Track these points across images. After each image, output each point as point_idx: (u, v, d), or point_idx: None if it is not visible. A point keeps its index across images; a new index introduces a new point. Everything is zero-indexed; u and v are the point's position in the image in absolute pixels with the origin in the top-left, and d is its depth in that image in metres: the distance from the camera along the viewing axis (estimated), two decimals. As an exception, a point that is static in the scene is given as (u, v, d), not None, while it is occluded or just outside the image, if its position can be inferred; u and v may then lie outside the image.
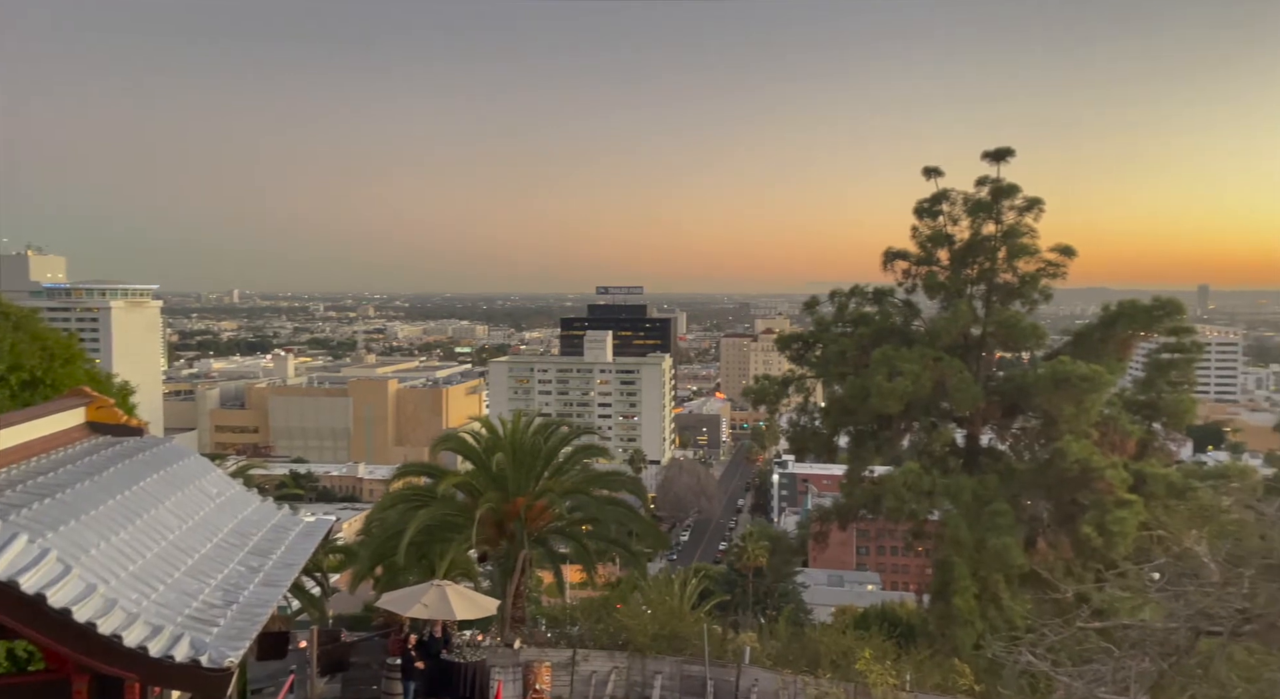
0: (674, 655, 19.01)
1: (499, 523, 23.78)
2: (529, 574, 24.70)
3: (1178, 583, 8.37)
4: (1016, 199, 40.95)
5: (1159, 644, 7.74)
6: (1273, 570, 7.51)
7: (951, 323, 40.15)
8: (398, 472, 28.74)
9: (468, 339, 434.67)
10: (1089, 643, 8.49)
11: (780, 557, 60.50)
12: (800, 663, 18.64)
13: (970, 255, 41.75)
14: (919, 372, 37.99)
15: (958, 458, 42.07)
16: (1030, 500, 39.57)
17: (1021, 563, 34.65)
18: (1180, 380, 40.17)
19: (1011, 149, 41.71)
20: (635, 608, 23.54)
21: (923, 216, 43.11)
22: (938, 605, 38.23)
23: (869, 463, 43.87)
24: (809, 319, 48.36)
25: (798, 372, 46.14)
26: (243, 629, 9.04)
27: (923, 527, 41.64)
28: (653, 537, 30.52)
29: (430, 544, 23.71)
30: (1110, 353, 40.07)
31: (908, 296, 44.28)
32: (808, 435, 46.27)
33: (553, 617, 28.25)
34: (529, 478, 24.60)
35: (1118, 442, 38.02)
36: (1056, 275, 40.93)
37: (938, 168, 43.38)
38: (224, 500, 13.27)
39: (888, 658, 17.32)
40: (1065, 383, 36.14)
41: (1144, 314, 40.00)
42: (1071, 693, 7.83)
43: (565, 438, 26.76)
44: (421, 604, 16.99)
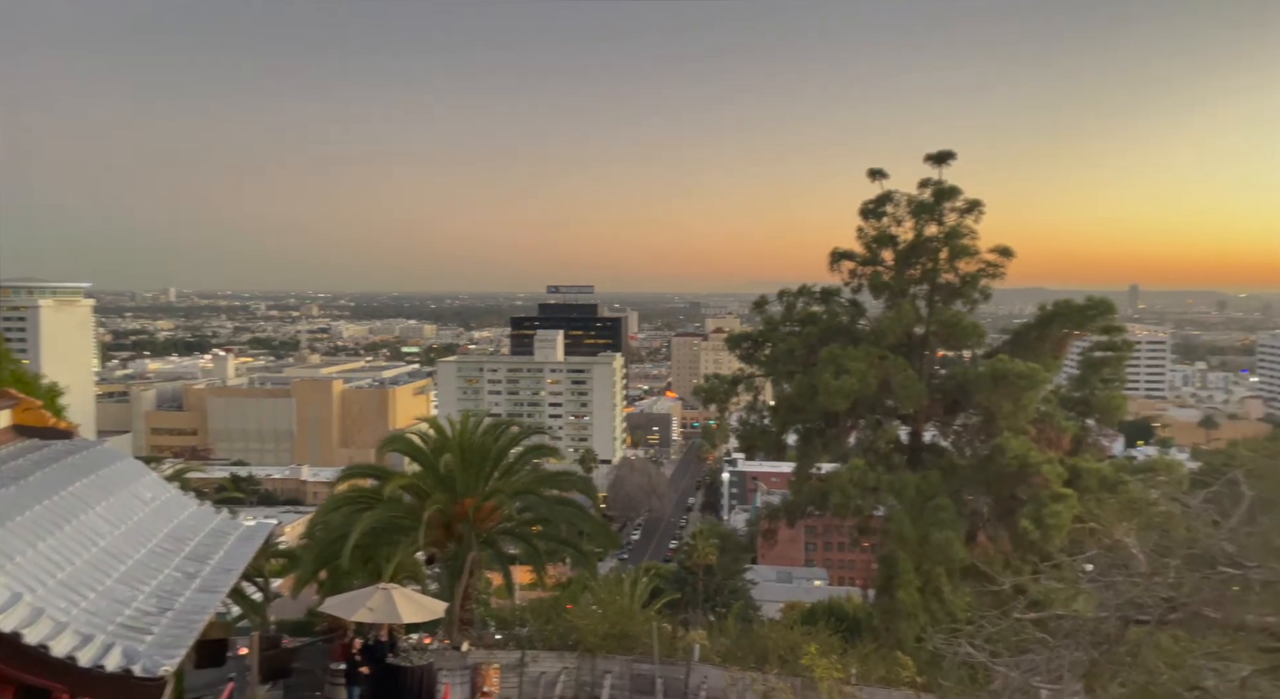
0: (624, 655, 19.03)
1: (447, 524, 23.53)
2: (478, 576, 24.49)
3: (1108, 574, 8.69)
4: (958, 201, 41.89)
5: (1091, 633, 8.02)
6: (1196, 561, 7.84)
7: (896, 322, 40.92)
8: (342, 474, 28.20)
9: (415, 339, 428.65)
10: (1025, 633, 8.74)
11: (730, 554, 60.93)
12: (749, 659, 18.82)
13: (914, 256, 42.57)
14: (865, 370, 38.63)
15: (902, 454, 42.88)
16: (971, 495, 40.51)
17: (963, 557, 35.48)
18: (1112, 378, 41.58)
19: (953, 152, 42.67)
20: (585, 608, 23.50)
21: (868, 218, 43.83)
22: (882, 599, 38.97)
23: (816, 460, 44.47)
24: (758, 318, 48.80)
25: (747, 370, 46.56)
26: (178, 637, 8.81)
27: (868, 522, 42.37)
28: (603, 536, 30.50)
29: (376, 547, 23.34)
30: (1046, 351, 41.26)
31: (854, 296, 44.99)
32: (757, 434, 46.71)
33: (502, 618, 28.04)
34: (478, 479, 24.38)
35: (1053, 437, 39.18)
36: (996, 275, 41.97)
37: (882, 170, 44.18)
38: (159, 505, 12.90)
39: (833, 652, 17.60)
40: (1004, 380, 37.10)
41: (1078, 313, 41.27)
42: (1009, 683, 8.06)
43: (515, 438, 26.60)
44: (367, 608, 16.72)
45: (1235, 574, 7.39)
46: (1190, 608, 7.52)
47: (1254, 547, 7.71)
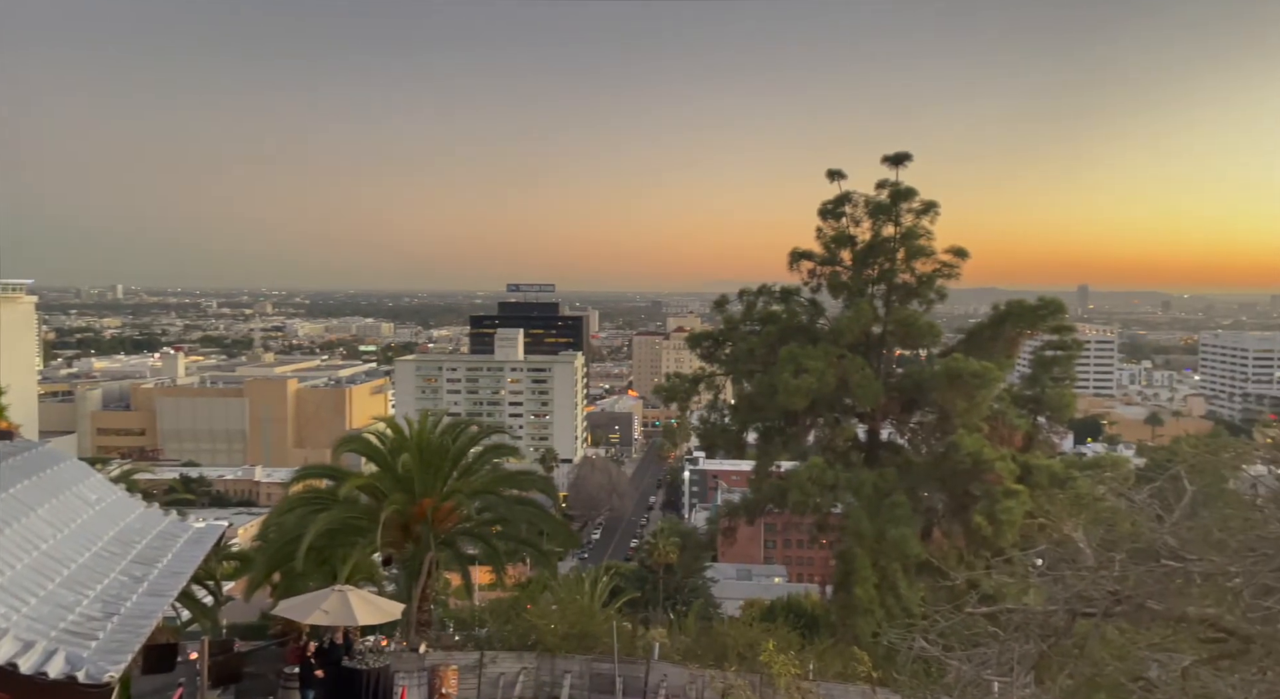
0: (584, 654, 19.00)
1: (405, 525, 23.26)
2: (436, 577, 24.25)
3: (1057, 568, 8.91)
4: (914, 202, 42.55)
5: (1040, 626, 8.22)
6: (1141, 554, 8.08)
7: (854, 321, 41.44)
8: (297, 474, 27.71)
9: (372, 337, 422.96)
10: (978, 627, 8.92)
11: (690, 553, 61.25)
12: (708, 657, 18.92)
13: (871, 256, 43.16)
14: (823, 369, 39.06)
15: (860, 452, 43.45)
16: (927, 492, 41.21)
17: (918, 552, 36.08)
18: (1062, 376, 42.64)
19: (909, 153, 43.31)
20: (545, 608, 23.41)
21: (827, 218, 44.33)
22: (840, 595, 39.45)
23: (776, 458, 44.86)
24: (719, 318, 49.07)
25: (708, 369, 46.80)
26: (124, 642, 8.59)
27: (827, 519, 42.86)
28: (563, 536, 30.41)
29: (332, 549, 22.98)
30: (999, 350, 42.14)
31: (813, 296, 45.48)
32: (717, 432, 46.99)
33: (461, 619, 27.80)
34: (436, 479, 24.14)
35: (1006, 435, 40.04)
36: (951, 276, 42.73)
37: (841, 170, 44.70)
38: (104, 507, 12.56)
39: (791, 649, 17.77)
40: (958, 379, 37.80)
41: (1030, 313, 42.22)
42: (961, 676, 8.22)
43: (474, 437, 26.39)
44: (321, 610, 16.46)
45: (1177, 567, 7.64)
46: (1135, 600, 7.75)
47: (1195, 540, 7.98)
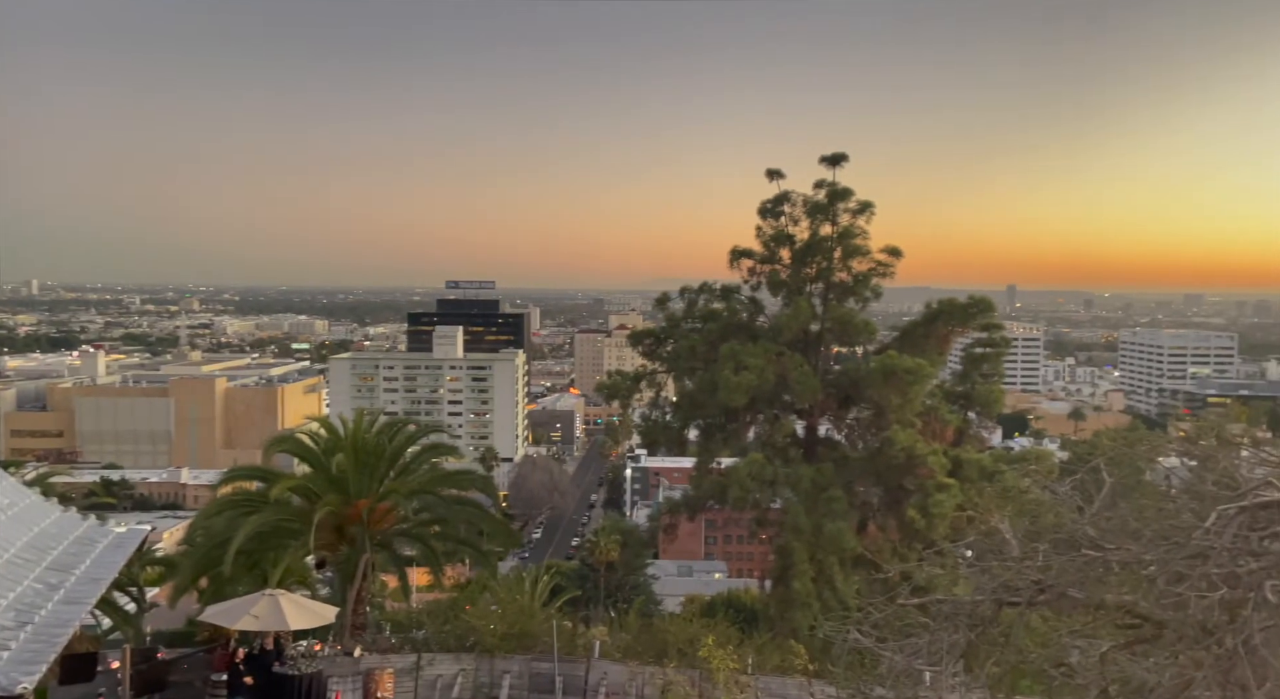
0: (523, 654, 18.87)
1: (339, 527, 22.76)
2: (372, 579, 23.80)
3: (984, 559, 9.20)
4: (850, 202, 43.35)
5: (968, 616, 8.46)
6: (1063, 544, 8.39)
7: (793, 319, 42.05)
8: (225, 476, 26.88)
9: (306, 335, 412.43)
10: (909, 618, 9.13)
11: (632, 550, 61.29)
12: (648, 654, 18.98)
13: (809, 255, 43.84)
14: (763, 366, 39.55)
15: (798, 448, 44.12)
16: (862, 486, 42.09)
17: (854, 546, 36.82)
18: (991, 373, 44.03)
19: (845, 154, 44.09)
20: (484, 608, 23.17)
21: (766, 217, 44.87)
22: (778, 590, 40.04)
23: (717, 455, 45.27)
24: (661, 315, 49.24)
25: (650, 367, 46.95)
26: (39, 652, 8.22)
27: (766, 515, 43.43)
28: (503, 535, 30.15)
29: (262, 552, 22.37)
30: (932, 347, 43.26)
31: (753, 294, 45.99)
32: (659, 429, 47.20)
33: (398, 621, 27.34)
34: (372, 479, 23.69)
35: (938, 430, 41.16)
36: (886, 275, 43.69)
37: (779, 170, 45.30)
38: (17, 513, 11.98)
39: (730, 643, 17.95)
40: (893, 376, 38.69)
41: (960, 311, 43.44)
42: (893, 666, 8.41)
43: (412, 437, 25.99)
44: (251, 615, 16.02)
45: (1096, 556, 7.95)
46: (1057, 589, 8.04)
47: (1113, 530, 8.31)
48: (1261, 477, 8.24)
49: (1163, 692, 7.11)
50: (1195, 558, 7.27)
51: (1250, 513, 7.64)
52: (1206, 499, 8.15)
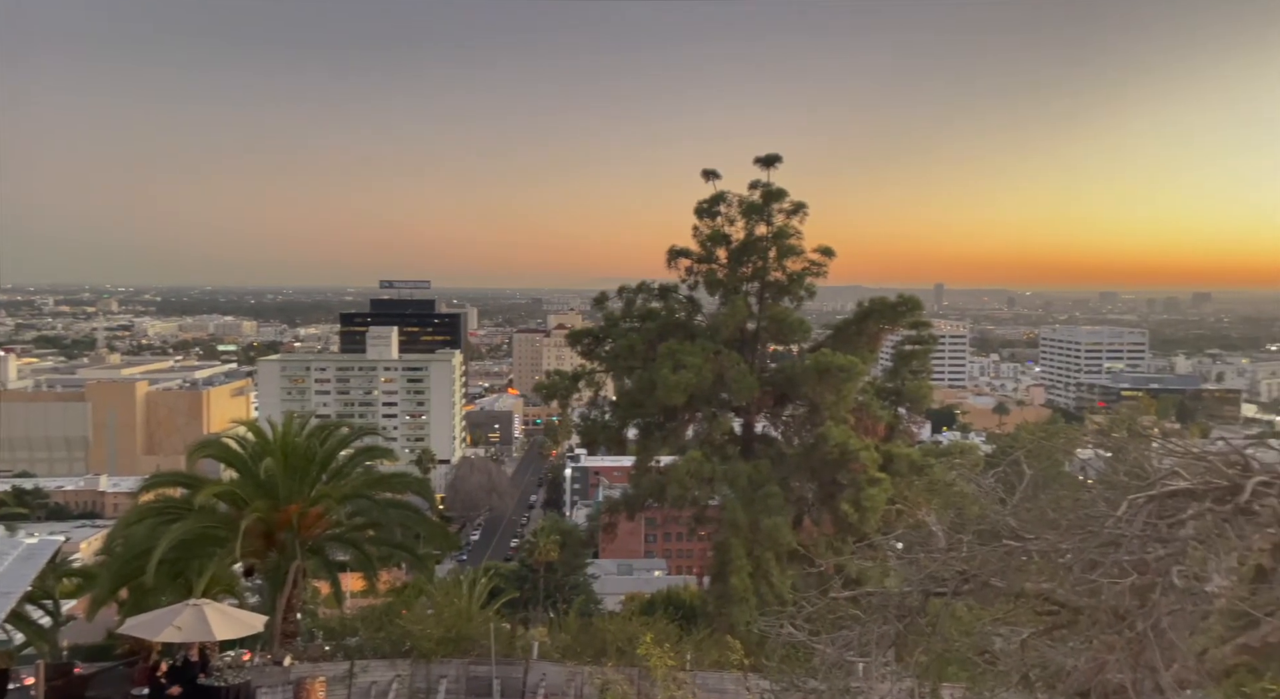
0: (460, 658, 18.64)
1: (268, 533, 22.14)
2: (303, 586, 23.20)
3: (913, 551, 9.46)
4: (784, 203, 43.94)
5: (897, 607, 8.69)
6: (986, 535, 8.68)
7: (730, 318, 42.46)
8: (147, 483, 25.80)
9: (233, 336, 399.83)
10: (841, 611, 9.33)
11: (571, 549, 61.19)
12: (588, 653, 18.95)
13: (745, 254, 44.31)
14: (701, 364, 39.84)
15: (736, 445, 44.56)
16: (798, 482, 42.73)
17: (790, 541, 37.37)
18: (920, 369, 45.22)
19: (779, 156, 44.66)
20: (420, 612, 22.81)
21: (703, 217, 45.17)
22: (716, 586, 40.41)
23: (656, 453, 45.42)
24: (599, 315, 49.17)
25: (588, 366, 46.83)
26: (-64, 676, 7.77)
27: (704, 512, 43.76)
28: (440, 538, 29.75)
29: (186, 561, 21.57)
30: (864, 345, 44.18)
31: (691, 293, 46.25)
32: (598, 429, 47.11)
33: (330, 628, 26.70)
34: (303, 484, 23.10)
35: (870, 425, 42.09)
36: (819, 274, 44.41)
37: (715, 171, 45.65)
38: (-86, 526, 11.31)
39: (669, 641, 18.04)
40: (827, 373, 39.40)
41: (890, 310, 44.47)
42: (825, 658, 8.58)
43: (344, 440, 25.45)
44: (174, 627, 15.47)
45: (1017, 546, 8.25)
46: (980, 579, 8.32)
47: (1032, 520, 8.64)
48: (1169, 467, 8.66)
49: (1079, 675, 7.42)
50: (1108, 546, 7.60)
51: (1159, 502, 8.02)
52: (1118, 489, 8.53)
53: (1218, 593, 7.38)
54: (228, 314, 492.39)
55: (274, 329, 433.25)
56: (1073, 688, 7.44)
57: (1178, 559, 7.29)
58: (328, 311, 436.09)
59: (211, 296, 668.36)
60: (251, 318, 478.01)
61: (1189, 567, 7.25)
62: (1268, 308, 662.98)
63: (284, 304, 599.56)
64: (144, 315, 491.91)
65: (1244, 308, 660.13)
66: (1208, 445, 9.63)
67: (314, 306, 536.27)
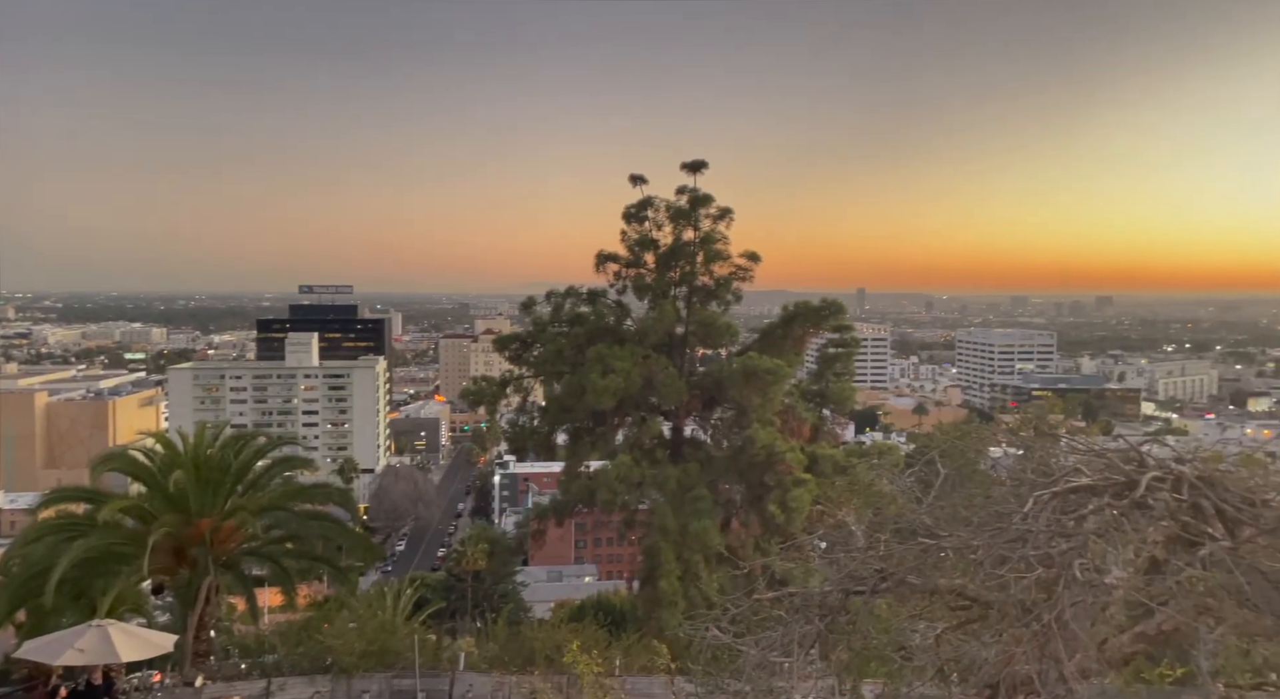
0: (384, 671, 18.20)
1: (178, 549, 21.25)
2: (216, 602, 22.30)
3: (834, 550, 9.67)
4: (711, 208, 44.42)
5: (819, 606, 8.86)
6: (902, 534, 8.93)
7: (658, 322, 42.66)
8: (46, 499, 24.50)
9: (141, 344, 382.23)
10: (765, 612, 9.45)
11: (500, 557, 60.39)
12: (516, 662, 18.74)
13: (673, 259, 44.59)
14: (630, 369, 39.91)
15: (665, 449, 44.76)
16: (726, 484, 43.19)
17: (719, 543, 37.74)
18: (843, 371, 46.28)
19: (705, 161, 45.13)
20: (342, 626, 22.18)
21: (631, 221, 45.28)
22: (646, 590, 40.49)
23: (585, 458, 45.26)
24: (527, 319, 48.76)
25: (516, 371, 46.37)
26: None
27: (634, 516, 43.83)
28: (363, 549, 28.97)
29: (89, 580, 20.51)
30: (789, 348, 44.98)
31: (619, 297, 46.27)
32: (527, 434, 46.67)
33: (246, 646, 25.73)
34: (216, 496, 22.26)
35: (796, 427, 42.87)
36: (745, 278, 45.00)
37: (642, 175, 45.82)
38: None
39: (597, 647, 17.97)
40: (754, 376, 39.95)
41: (814, 313, 45.40)
42: (748, 659, 8.69)
43: (261, 450, 24.65)
44: (76, 649, 14.69)
45: (932, 544, 8.51)
46: (897, 576, 8.56)
47: (946, 518, 8.93)
48: (1072, 464, 9.07)
49: (989, 668, 7.69)
50: (1015, 541, 7.91)
51: (1062, 497, 8.39)
52: (1026, 486, 8.89)
53: (1116, 584, 7.77)
54: (135, 321, 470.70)
55: (186, 336, 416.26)
56: (984, 680, 7.72)
57: (1080, 553, 7.64)
58: (243, 318, 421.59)
59: (118, 303, 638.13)
60: (161, 324, 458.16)
61: (1090, 560, 7.60)
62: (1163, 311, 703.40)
63: (196, 310, 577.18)
64: (44, 322, 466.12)
65: (1142, 311, 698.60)
66: (1108, 443, 10.13)
67: (228, 313, 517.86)
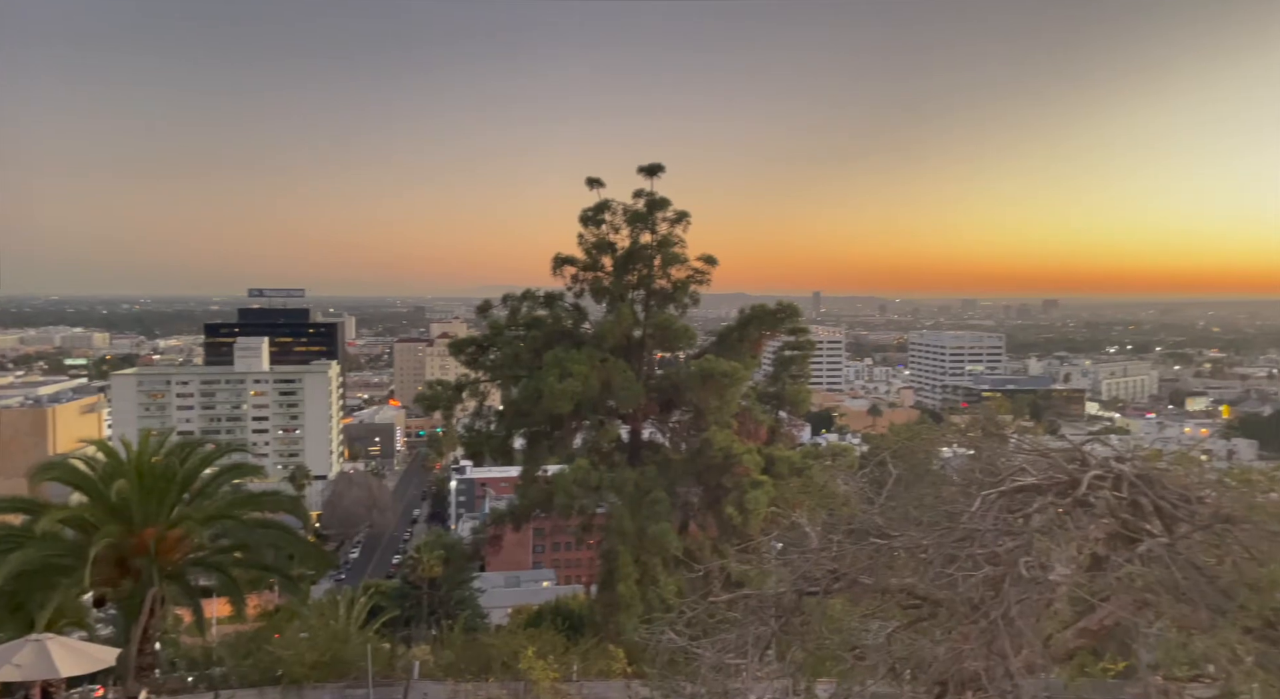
0: (336, 681, 17.87)
1: (121, 560, 20.62)
2: (161, 614, 21.67)
3: (788, 552, 9.75)
4: (668, 211, 44.56)
5: (773, 607, 8.93)
6: (855, 534, 9.05)
7: (615, 326, 42.64)
8: (-20, 510, 23.56)
9: (83, 349, 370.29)
10: (721, 614, 9.50)
11: (456, 564, 59.68)
12: (472, 670, 18.53)
13: (630, 262, 44.61)
14: (588, 372, 39.81)
15: (623, 452, 44.73)
16: (684, 487, 43.29)
17: (677, 546, 37.81)
18: (799, 374, 46.78)
19: (662, 165, 45.28)
20: (293, 636, 21.72)
21: (588, 225, 45.21)
22: (604, 594, 40.40)
23: (543, 463, 45.02)
24: (484, 323, 48.36)
25: (473, 376, 45.96)
26: None
27: (592, 520, 43.70)
28: (315, 557, 28.40)
29: (28, 593, 19.79)
30: (745, 351, 45.29)
31: (576, 300, 46.14)
32: (483, 439, 46.25)
33: (193, 658, 25.06)
34: (161, 506, 21.64)
35: (753, 429, 43.17)
36: (703, 282, 45.21)
37: (600, 179, 45.78)
38: None
39: (555, 652, 17.88)
40: (711, 379, 40.15)
41: (771, 316, 45.81)
42: (704, 661, 8.72)
43: (208, 458, 24.06)
44: (12, 665, 14.20)
45: (883, 544, 8.65)
46: (850, 577, 8.67)
47: (897, 518, 9.07)
48: (1018, 464, 9.28)
49: (939, 665, 7.83)
50: (964, 540, 8.07)
51: (1009, 496, 8.58)
52: (974, 485, 9.07)
53: (1060, 581, 7.96)
54: (76, 325, 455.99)
55: (130, 341, 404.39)
56: (934, 677, 7.85)
57: (1025, 550, 7.82)
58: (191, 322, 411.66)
59: (58, 307, 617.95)
60: (104, 329, 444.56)
61: (1035, 557, 7.78)
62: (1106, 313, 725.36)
63: (141, 314, 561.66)
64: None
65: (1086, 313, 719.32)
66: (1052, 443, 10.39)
67: (175, 317, 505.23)
